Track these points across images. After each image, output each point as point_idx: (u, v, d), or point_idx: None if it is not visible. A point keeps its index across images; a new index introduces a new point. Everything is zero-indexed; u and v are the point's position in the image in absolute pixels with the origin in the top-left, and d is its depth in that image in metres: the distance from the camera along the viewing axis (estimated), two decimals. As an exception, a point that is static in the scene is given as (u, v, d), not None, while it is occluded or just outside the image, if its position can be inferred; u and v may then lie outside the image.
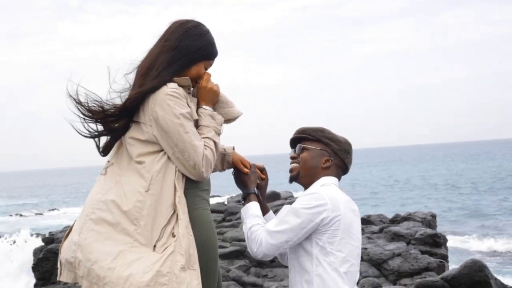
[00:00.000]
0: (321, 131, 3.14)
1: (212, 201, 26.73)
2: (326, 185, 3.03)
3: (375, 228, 12.29)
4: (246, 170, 3.22)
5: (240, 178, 3.23)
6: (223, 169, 3.27)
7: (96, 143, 3.03)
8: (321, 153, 3.10)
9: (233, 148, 3.26)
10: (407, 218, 12.78)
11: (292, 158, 3.17)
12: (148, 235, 2.77)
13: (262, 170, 3.30)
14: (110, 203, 2.83)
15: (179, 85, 2.89)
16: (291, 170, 3.16)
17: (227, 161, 3.23)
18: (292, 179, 3.17)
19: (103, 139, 3.04)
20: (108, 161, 2.99)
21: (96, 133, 2.99)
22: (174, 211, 2.80)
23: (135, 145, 2.88)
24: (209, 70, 3.09)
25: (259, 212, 3.10)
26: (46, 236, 14.52)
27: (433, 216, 13.22)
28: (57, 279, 2.96)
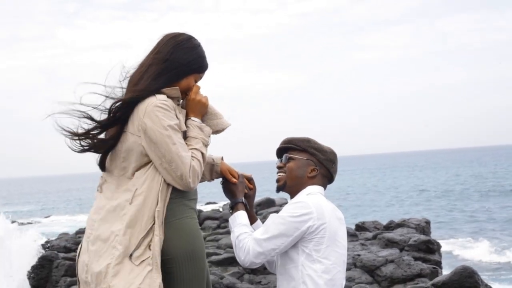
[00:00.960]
0: (307, 141, 3.21)
1: (207, 208, 26.79)
2: (312, 194, 3.10)
3: (369, 234, 12.35)
4: (234, 180, 3.28)
5: (228, 187, 3.29)
6: (211, 179, 3.32)
7: (96, 156, 3.08)
8: (307, 162, 3.17)
9: (222, 158, 3.32)
10: (401, 224, 12.85)
11: (278, 167, 3.24)
12: (127, 243, 2.84)
13: (250, 180, 3.36)
14: (101, 221, 2.93)
15: (168, 96, 2.96)
16: (278, 180, 3.23)
17: (215, 171, 3.29)
18: (279, 189, 3.24)
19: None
20: (102, 177, 3.06)
21: (87, 147, 3.03)
22: (153, 224, 2.87)
23: (128, 159, 2.94)
24: (202, 80, 3.15)
25: (247, 221, 3.16)
26: (42, 243, 14.56)
27: (427, 223, 13.29)
28: None
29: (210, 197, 44.10)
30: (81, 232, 17.72)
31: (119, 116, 2.94)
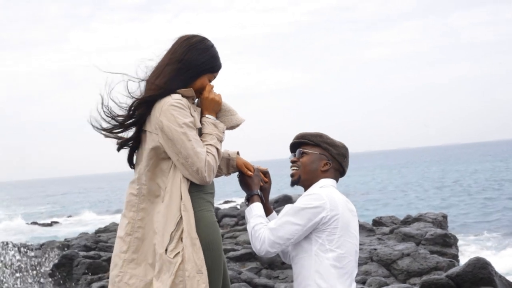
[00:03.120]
0: (320, 136, 3.34)
1: (226, 206, 26.99)
2: (325, 186, 3.22)
3: (386, 229, 12.43)
4: (250, 173, 3.41)
5: (244, 180, 3.42)
6: (228, 173, 3.46)
7: (127, 154, 3.25)
8: (320, 157, 3.29)
9: (237, 153, 3.45)
10: (418, 219, 12.92)
11: (292, 162, 3.36)
12: (160, 239, 3.02)
13: (265, 173, 3.49)
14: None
15: (183, 96, 3.10)
16: (292, 175, 3.35)
17: (231, 165, 3.42)
18: (293, 183, 3.37)
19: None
20: (138, 179, 3.17)
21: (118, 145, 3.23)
22: (181, 216, 3.02)
23: (152, 158, 3.09)
24: (217, 78, 3.27)
25: (262, 212, 3.29)
26: (63, 242, 14.77)
27: (444, 217, 13.34)
28: None
29: (228, 195, 44.32)
30: (100, 231, 17.99)
31: (139, 114, 3.10)
